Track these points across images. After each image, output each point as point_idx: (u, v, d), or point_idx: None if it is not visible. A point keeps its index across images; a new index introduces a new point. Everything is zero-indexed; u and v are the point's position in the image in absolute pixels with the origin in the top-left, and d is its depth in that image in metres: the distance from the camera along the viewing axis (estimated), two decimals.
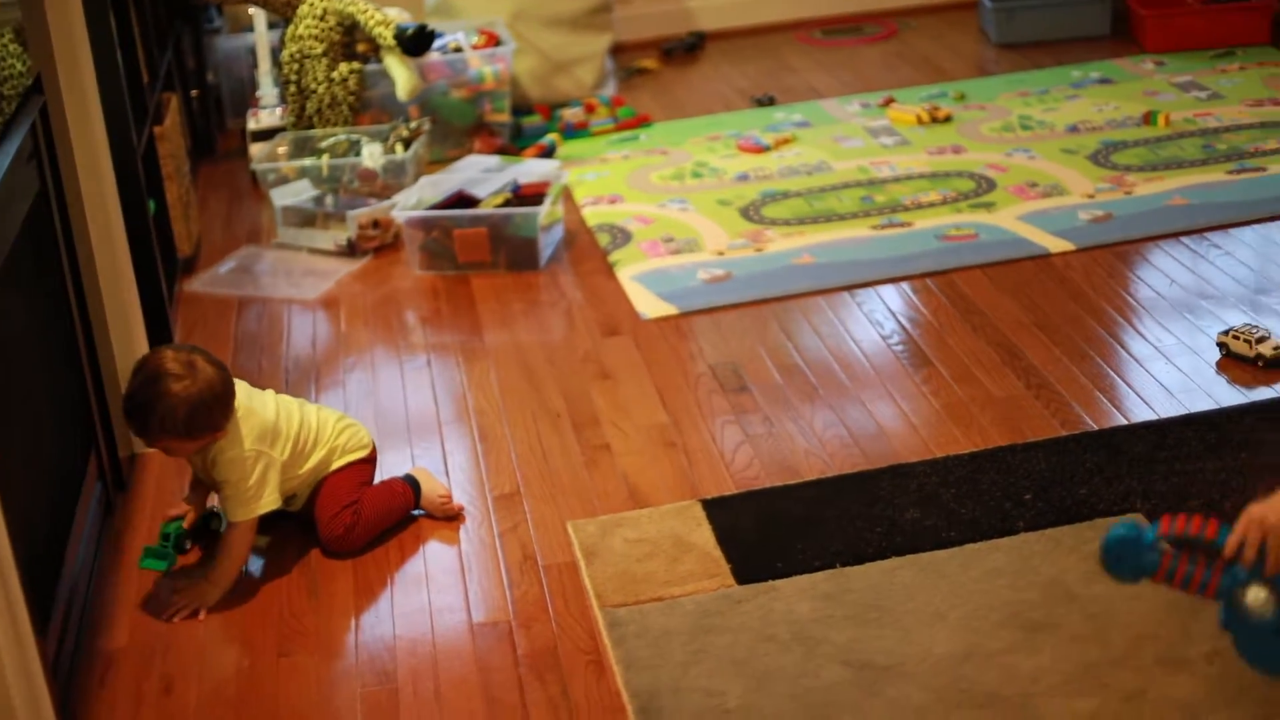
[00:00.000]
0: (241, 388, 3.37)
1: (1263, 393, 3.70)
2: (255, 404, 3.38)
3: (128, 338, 3.86)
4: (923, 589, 3.06)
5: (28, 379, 3.10)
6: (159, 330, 4.23)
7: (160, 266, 4.33)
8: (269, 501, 3.34)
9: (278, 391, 3.50)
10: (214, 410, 3.24)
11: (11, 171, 3.00)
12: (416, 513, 3.52)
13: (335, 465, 3.46)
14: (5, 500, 2.47)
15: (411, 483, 3.51)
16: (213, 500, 3.52)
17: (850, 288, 4.43)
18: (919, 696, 2.77)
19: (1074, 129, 5.48)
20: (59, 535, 3.14)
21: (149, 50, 4.89)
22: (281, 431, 3.38)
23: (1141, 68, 6.08)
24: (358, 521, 3.40)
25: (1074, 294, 4.25)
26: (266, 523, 3.43)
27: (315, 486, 3.45)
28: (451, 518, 3.50)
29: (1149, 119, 5.47)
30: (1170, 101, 5.66)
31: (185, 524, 3.43)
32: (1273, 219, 4.64)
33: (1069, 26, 6.55)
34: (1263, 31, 6.23)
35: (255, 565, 3.42)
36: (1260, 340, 3.80)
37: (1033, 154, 5.29)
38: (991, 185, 5.04)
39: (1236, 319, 4.02)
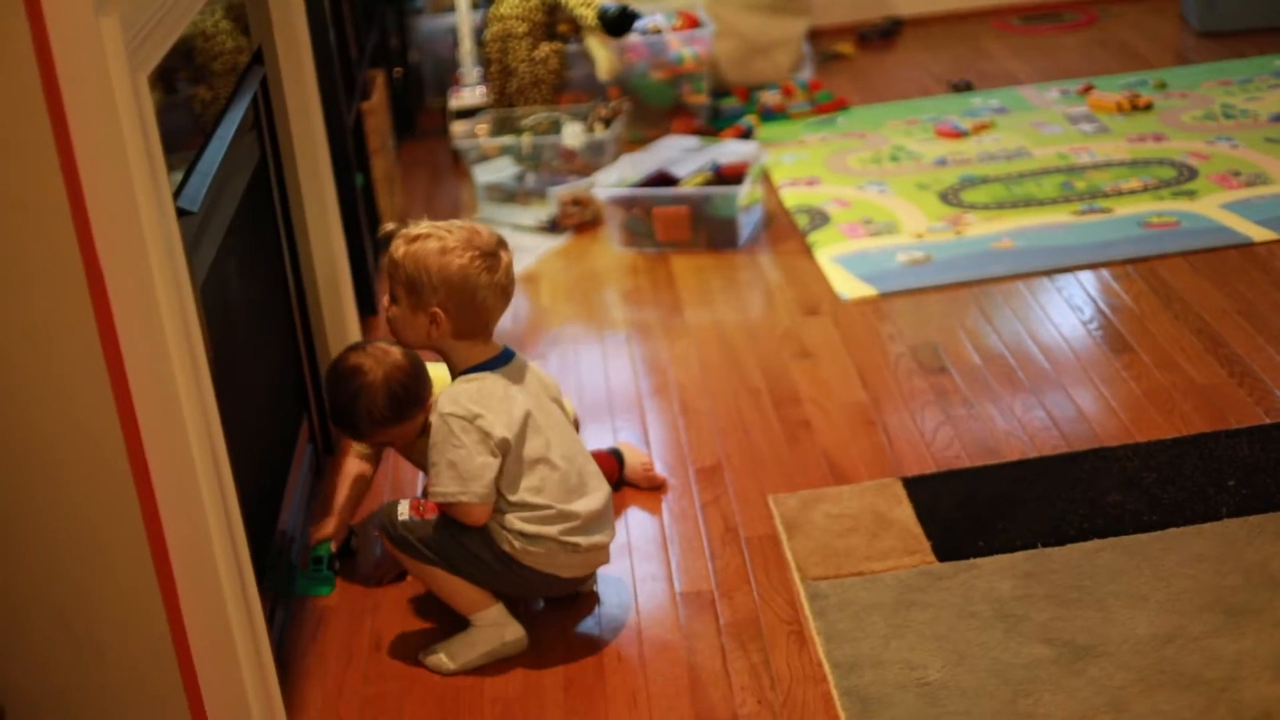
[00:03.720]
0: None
1: None
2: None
3: (338, 307, 3.94)
4: (1125, 571, 3.05)
5: (249, 343, 3.18)
6: (365, 301, 4.32)
7: (367, 239, 4.42)
8: None
9: None
10: (411, 387, 3.28)
11: (236, 139, 3.07)
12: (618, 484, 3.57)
13: None
14: (233, 458, 2.54)
15: (616, 455, 3.56)
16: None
17: (1050, 273, 4.41)
18: (1120, 676, 2.76)
19: (1278, 119, 5.41)
20: (275, 494, 3.22)
21: (357, 28, 4.99)
22: None
23: None
24: None
25: (1278, 283, 4.20)
26: None
27: None
28: (656, 487, 3.54)
29: None
30: None
31: (334, 546, 3.39)
32: None
33: (1274, 15, 6.45)
34: None
35: None
36: None
37: (1236, 143, 5.22)
38: (1193, 173, 4.99)
39: None
